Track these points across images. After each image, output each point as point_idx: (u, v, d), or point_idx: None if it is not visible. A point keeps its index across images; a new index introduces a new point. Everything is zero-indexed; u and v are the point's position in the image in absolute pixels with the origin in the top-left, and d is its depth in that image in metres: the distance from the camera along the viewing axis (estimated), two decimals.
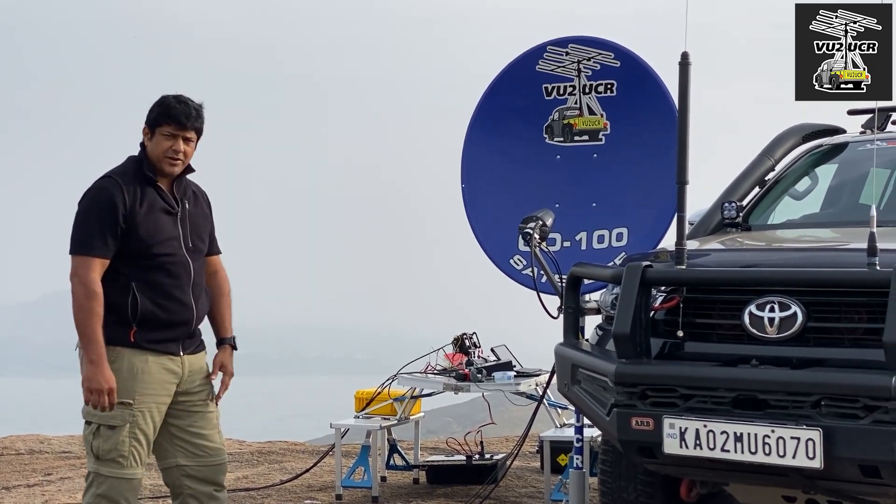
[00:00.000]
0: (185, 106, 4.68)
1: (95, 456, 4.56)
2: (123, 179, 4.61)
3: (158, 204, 4.65)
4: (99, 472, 4.57)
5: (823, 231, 5.66)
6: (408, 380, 7.11)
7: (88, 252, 4.52)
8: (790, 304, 4.14)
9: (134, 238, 4.56)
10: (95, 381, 4.47)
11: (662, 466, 4.45)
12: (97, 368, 4.47)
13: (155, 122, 4.67)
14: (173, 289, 4.64)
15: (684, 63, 4.55)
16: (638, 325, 4.37)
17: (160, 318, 4.61)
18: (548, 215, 5.68)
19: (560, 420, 7.37)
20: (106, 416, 4.53)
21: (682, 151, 4.55)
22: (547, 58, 6.58)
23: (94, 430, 4.56)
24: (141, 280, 4.58)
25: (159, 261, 4.61)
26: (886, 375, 3.80)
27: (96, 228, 4.52)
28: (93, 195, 4.60)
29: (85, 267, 4.51)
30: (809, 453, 3.89)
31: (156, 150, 4.66)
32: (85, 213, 4.59)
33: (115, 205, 4.53)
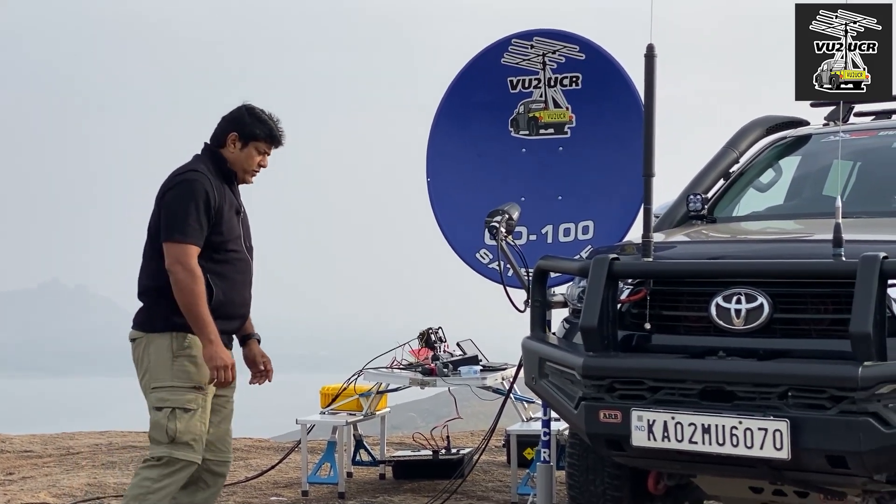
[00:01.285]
0: (280, 127, 5.00)
1: (171, 439, 4.72)
2: (210, 176, 4.82)
3: (233, 204, 4.91)
4: (172, 456, 4.73)
5: (788, 223, 5.69)
6: (374, 375, 7.09)
7: (190, 239, 4.71)
8: (757, 296, 4.15)
9: (215, 232, 4.79)
10: (219, 359, 4.69)
11: (630, 459, 4.45)
12: (217, 347, 4.69)
13: (253, 136, 4.93)
14: (238, 284, 4.91)
15: (650, 55, 4.55)
16: (605, 317, 4.37)
17: (228, 309, 4.85)
18: (514, 209, 5.67)
19: (526, 414, 7.37)
20: (183, 399, 4.73)
21: (647, 144, 4.55)
22: (512, 51, 6.56)
23: (168, 413, 4.73)
24: (215, 273, 4.79)
25: (230, 256, 4.86)
26: (853, 366, 3.81)
27: (194, 218, 4.72)
28: (188, 186, 4.76)
29: (187, 254, 4.69)
30: (777, 444, 3.90)
31: (245, 161, 4.94)
32: (183, 203, 4.74)
33: (208, 198, 4.75)
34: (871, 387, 3.77)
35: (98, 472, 8.06)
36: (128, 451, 8.88)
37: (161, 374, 4.78)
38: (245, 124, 4.94)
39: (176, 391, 4.75)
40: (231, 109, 5.06)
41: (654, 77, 4.55)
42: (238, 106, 5.05)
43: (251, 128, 4.94)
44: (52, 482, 7.59)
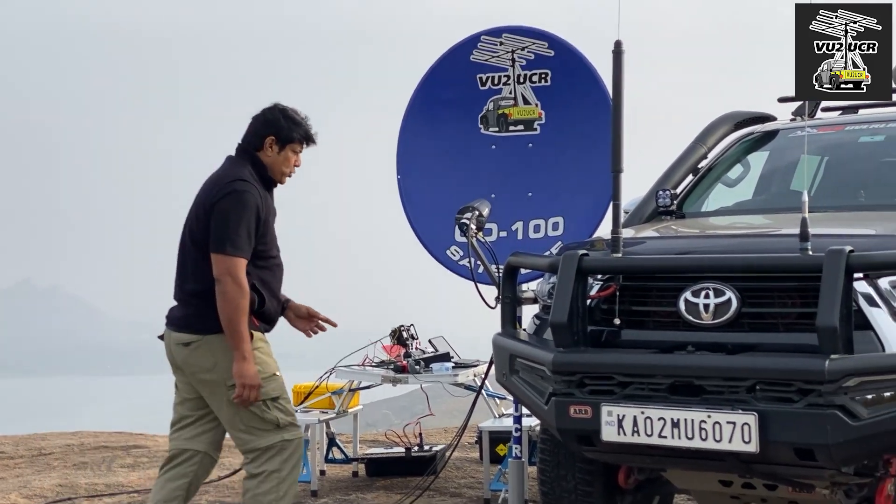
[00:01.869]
0: (310, 125, 5.03)
1: (277, 425, 4.86)
2: (256, 185, 4.88)
3: (273, 210, 5.00)
4: (285, 439, 4.88)
5: (756, 217, 5.71)
6: (346, 373, 7.09)
7: (240, 253, 4.76)
8: (725, 291, 4.17)
9: (261, 241, 4.86)
10: (248, 377, 4.75)
11: (601, 454, 4.47)
12: (249, 364, 4.76)
13: (290, 139, 4.97)
14: (276, 289, 5.01)
15: (617, 52, 4.56)
16: (575, 313, 4.38)
17: (269, 314, 4.96)
18: (484, 205, 5.67)
19: (498, 410, 7.38)
20: (269, 390, 4.84)
21: (616, 140, 4.57)
22: (481, 48, 6.57)
23: (263, 406, 4.83)
24: (259, 279, 4.87)
25: (271, 262, 4.96)
26: (819, 359, 3.84)
27: (245, 231, 4.76)
28: (239, 198, 4.79)
29: (237, 267, 4.74)
30: (745, 437, 3.92)
31: (284, 164, 4.98)
32: (235, 215, 4.77)
33: (258, 210, 4.81)
34: (838, 380, 3.80)
35: (69, 472, 8.03)
36: (99, 452, 8.85)
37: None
38: (282, 128, 4.97)
39: (264, 382, 4.85)
40: (262, 110, 5.06)
41: (622, 73, 4.57)
42: (270, 107, 5.06)
43: (288, 132, 4.97)
44: (23, 483, 7.55)
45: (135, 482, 7.62)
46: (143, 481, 7.64)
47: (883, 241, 4.35)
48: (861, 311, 3.96)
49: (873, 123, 5.90)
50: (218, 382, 4.87)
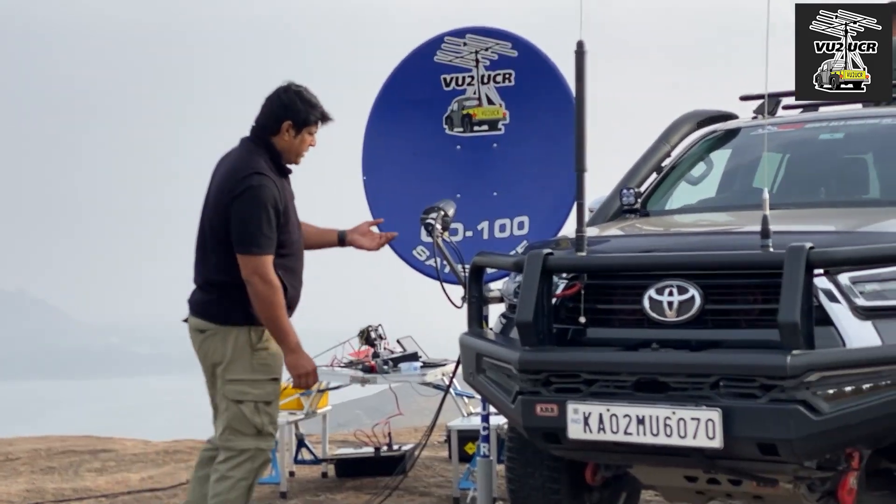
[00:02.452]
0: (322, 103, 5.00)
1: (258, 431, 4.87)
2: (272, 175, 4.86)
3: (292, 197, 5.01)
4: (259, 448, 4.88)
5: (719, 215, 5.76)
6: None
7: (265, 251, 4.77)
8: (688, 288, 4.21)
9: (283, 231, 4.88)
10: (301, 367, 4.89)
11: (567, 451, 4.50)
12: (299, 355, 4.88)
13: (306, 121, 4.93)
14: (298, 272, 5.04)
15: (580, 52, 4.59)
16: (541, 312, 4.41)
17: (292, 301, 4.96)
18: (449, 205, 5.69)
19: (467, 409, 7.40)
20: (262, 393, 4.86)
21: (579, 139, 4.60)
22: (445, 48, 6.58)
23: (252, 407, 4.86)
24: (283, 267, 4.87)
25: (293, 248, 4.98)
26: (781, 355, 3.88)
27: (267, 228, 4.77)
28: (256, 194, 4.77)
29: (265, 266, 4.76)
30: (709, 433, 3.96)
31: (300, 146, 4.97)
32: (255, 214, 4.76)
33: (277, 205, 4.81)
34: (800, 375, 3.84)
35: (37, 477, 7.99)
36: (67, 456, 8.80)
37: (241, 366, 4.88)
38: (299, 111, 4.93)
39: (257, 384, 4.87)
40: (277, 92, 4.99)
41: (585, 73, 4.60)
42: (285, 88, 4.99)
43: (306, 115, 4.94)
44: None
45: (103, 486, 7.60)
46: (111, 485, 7.61)
47: (843, 237, 4.40)
48: (822, 306, 4.01)
49: (833, 121, 5.95)
50: (221, 375, 4.90)
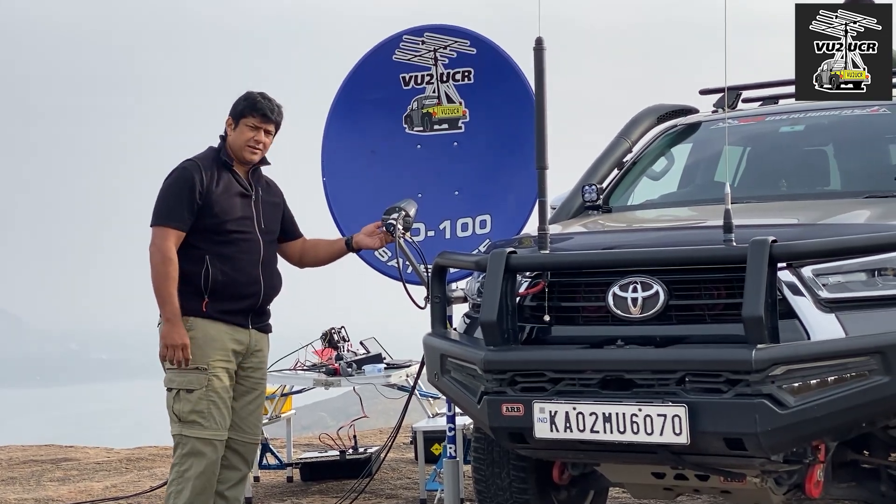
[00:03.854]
0: (269, 102, 5.23)
1: (179, 419, 5.05)
2: (203, 163, 5.13)
3: (234, 187, 5.16)
4: (182, 434, 5.04)
5: (681, 210, 5.76)
6: (277, 377, 7.03)
7: (165, 223, 5.02)
8: (652, 284, 4.20)
9: (209, 214, 5.05)
10: (170, 338, 4.96)
11: (534, 451, 4.48)
12: (173, 326, 4.96)
13: (241, 114, 5.20)
14: (244, 263, 5.14)
15: (539, 48, 4.57)
16: (504, 311, 4.38)
17: (230, 289, 5.09)
18: (411, 205, 5.66)
19: (432, 410, 7.38)
20: (185, 380, 5.02)
21: (540, 136, 4.58)
22: (403, 47, 6.54)
23: (174, 395, 5.05)
24: (214, 254, 5.07)
25: (233, 237, 5.11)
26: (746, 349, 3.87)
27: (174, 203, 5.04)
28: (175, 175, 5.10)
29: (161, 236, 5.00)
30: (676, 429, 3.95)
31: (239, 139, 5.19)
32: (166, 190, 5.09)
33: (192, 183, 5.03)
34: (765, 369, 3.83)
35: None
36: (28, 466, 8.71)
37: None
38: (235, 106, 5.23)
39: (180, 373, 5.04)
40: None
41: (544, 70, 4.58)
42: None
43: (237, 107, 5.21)
44: None
45: (65, 496, 7.51)
46: (73, 495, 7.53)
47: (805, 230, 4.40)
48: (786, 299, 4.01)
49: (793, 113, 5.97)
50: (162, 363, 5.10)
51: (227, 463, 5.20)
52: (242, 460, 5.29)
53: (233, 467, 5.24)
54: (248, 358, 5.24)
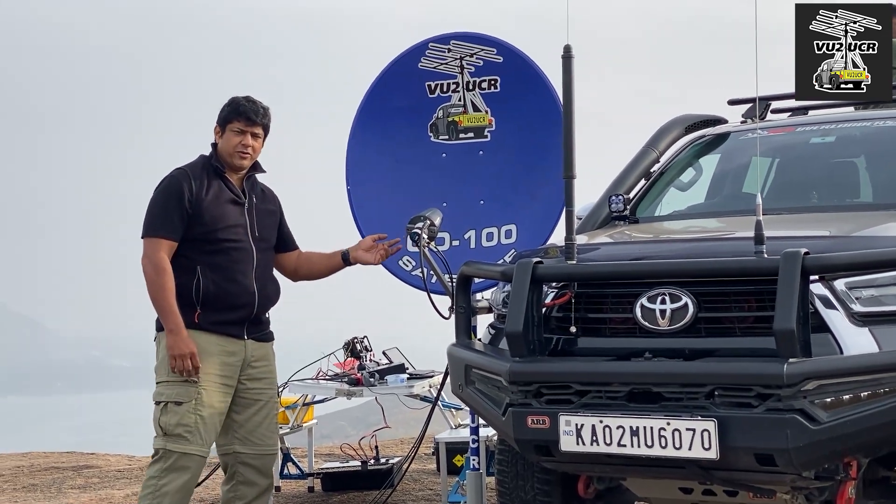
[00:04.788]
0: (253, 104, 5.14)
1: (163, 432, 4.93)
2: (192, 171, 5.07)
3: (225, 195, 5.09)
4: (166, 447, 4.93)
5: (709, 221, 5.70)
6: (299, 387, 6.99)
7: (155, 234, 4.96)
8: (681, 296, 4.14)
9: (199, 223, 4.97)
10: (177, 348, 4.86)
11: (560, 464, 4.42)
12: (177, 336, 4.87)
13: (226, 119, 5.13)
14: (236, 273, 5.04)
15: (567, 56, 4.52)
16: (530, 322, 4.33)
17: (223, 300, 5.00)
18: (436, 214, 5.61)
19: (455, 421, 7.32)
20: (174, 393, 4.92)
21: (567, 145, 4.52)
22: (429, 55, 6.48)
23: (162, 407, 4.95)
24: (206, 264, 4.99)
25: (224, 246, 5.02)
26: (778, 363, 3.81)
27: (163, 213, 4.97)
28: (163, 185, 5.04)
29: (153, 247, 4.95)
30: (705, 444, 3.89)
31: (226, 145, 5.12)
32: (155, 200, 5.03)
33: (181, 192, 4.97)
34: (797, 384, 3.77)
35: (19, 495, 7.88)
36: (50, 473, 8.69)
37: (161, 369, 5.02)
38: (220, 113, 5.17)
39: (170, 385, 4.95)
40: None
41: (572, 78, 4.52)
42: None
43: (222, 113, 5.16)
44: None
45: (86, 503, 7.48)
46: (94, 502, 7.50)
47: (838, 242, 4.34)
48: (818, 313, 3.95)
49: (824, 124, 5.91)
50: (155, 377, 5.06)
51: (241, 478, 5.11)
52: (258, 473, 5.18)
53: (248, 482, 5.14)
54: (245, 370, 5.13)
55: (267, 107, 5.22)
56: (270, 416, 5.26)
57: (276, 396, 5.34)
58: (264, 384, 5.22)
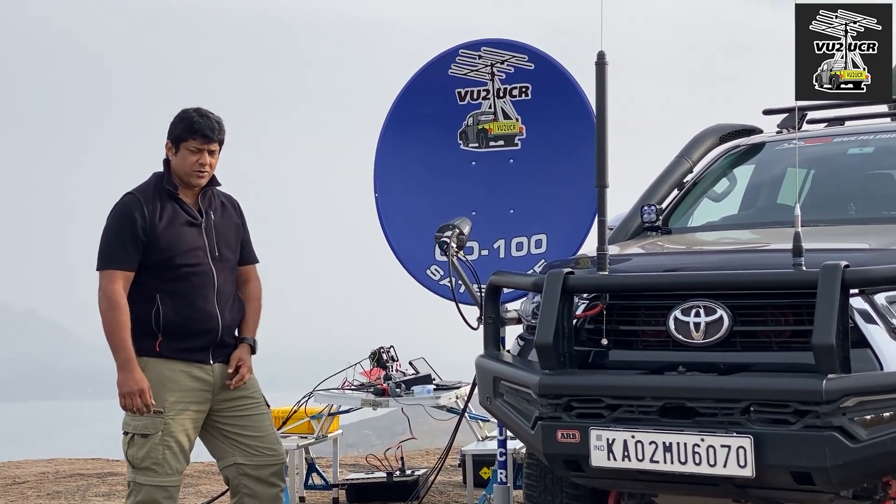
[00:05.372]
0: (208, 119, 4.81)
1: (132, 465, 4.75)
2: (143, 195, 4.78)
3: (180, 217, 4.81)
4: (136, 481, 4.74)
5: (743, 233, 5.61)
6: (324, 397, 6.93)
7: (109, 265, 4.71)
8: (716, 309, 4.05)
9: (155, 250, 4.72)
10: (126, 385, 4.65)
11: (590, 479, 4.34)
12: (127, 374, 4.65)
13: (180, 137, 4.80)
14: (197, 298, 4.78)
15: (601, 63, 4.44)
16: (561, 334, 4.25)
17: (184, 327, 4.76)
18: (465, 223, 5.54)
19: (482, 433, 7.24)
20: (139, 425, 4.71)
21: (600, 154, 4.45)
22: (459, 62, 6.42)
23: (129, 439, 4.75)
24: (165, 291, 4.74)
25: (183, 271, 4.76)
26: (816, 379, 3.72)
27: (116, 243, 4.72)
28: (114, 213, 4.79)
29: (107, 280, 4.70)
30: (740, 461, 3.80)
31: (182, 164, 4.81)
32: (106, 231, 4.78)
33: (133, 220, 4.71)
34: (836, 400, 3.68)
35: (43, 502, 7.85)
36: (74, 480, 8.66)
37: None
38: (172, 128, 4.85)
39: (135, 416, 4.73)
40: None
41: (606, 85, 4.45)
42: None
43: (175, 131, 4.83)
44: None
45: None
46: None
47: (878, 255, 4.24)
48: (857, 328, 3.85)
49: (862, 135, 5.80)
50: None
51: (247, 491, 4.88)
52: (262, 483, 4.91)
53: (253, 495, 4.88)
54: (219, 393, 4.87)
55: (220, 119, 4.90)
56: (265, 425, 5.00)
57: (265, 405, 5.06)
58: (247, 400, 4.96)
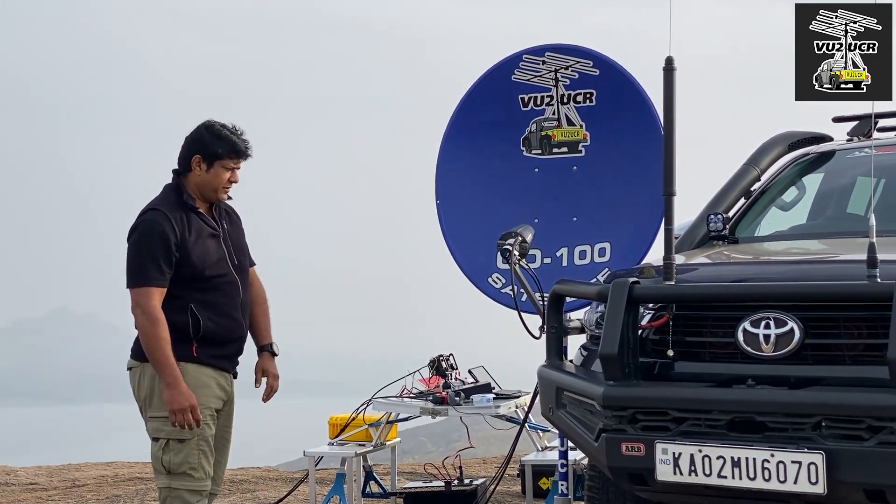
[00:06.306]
0: (242, 138, 4.90)
1: (167, 471, 4.74)
2: (169, 211, 4.80)
3: (205, 230, 4.87)
4: (171, 487, 4.74)
5: (812, 242, 5.50)
6: (383, 404, 6.87)
7: (146, 283, 4.72)
8: (787, 320, 3.96)
9: (187, 264, 4.76)
10: (176, 402, 4.65)
11: (655, 494, 4.27)
12: (175, 390, 4.66)
13: (216, 155, 4.84)
14: (228, 307, 4.88)
15: (669, 68, 4.36)
16: (626, 344, 4.19)
17: (218, 335, 4.83)
18: (527, 231, 5.48)
19: (542, 443, 7.15)
20: (175, 430, 4.71)
21: (668, 161, 4.38)
22: (523, 67, 6.35)
23: (163, 445, 4.75)
24: (199, 301, 4.80)
25: (213, 282, 4.85)
26: (891, 394, 3.64)
27: (150, 259, 4.72)
28: (143, 228, 4.78)
29: (145, 297, 4.70)
30: (812, 478, 3.73)
31: (214, 181, 4.86)
32: (138, 247, 4.77)
33: (166, 235, 4.73)
34: None
35: None
36: (133, 484, 8.68)
37: (156, 403, 4.79)
38: (206, 144, 4.86)
39: (168, 421, 4.72)
40: (192, 130, 4.95)
41: (674, 91, 4.38)
42: (198, 126, 4.94)
43: (213, 147, 4.86)
44: None
45: None
46: None
47: None
48: None
49: None
50: (144, 411, 4.86)
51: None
52: None
53: None
54: (225, 406, 4.97)
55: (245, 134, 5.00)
56: (226, 456, 5.08)
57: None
58: (230, 429, 5.06)
